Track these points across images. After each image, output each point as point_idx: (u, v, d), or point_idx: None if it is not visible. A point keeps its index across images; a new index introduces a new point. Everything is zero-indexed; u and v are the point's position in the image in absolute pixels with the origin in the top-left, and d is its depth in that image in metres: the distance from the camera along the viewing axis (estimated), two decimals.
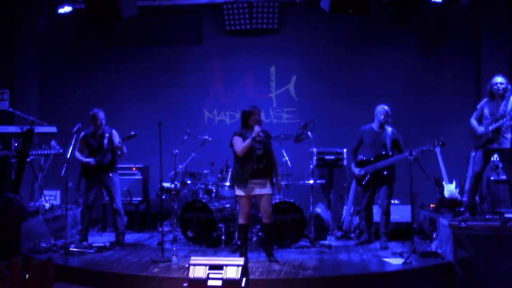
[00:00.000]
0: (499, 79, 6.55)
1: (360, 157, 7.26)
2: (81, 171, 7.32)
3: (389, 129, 7.18)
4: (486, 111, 6.62)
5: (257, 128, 6.12)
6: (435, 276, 5.99)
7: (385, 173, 7.07)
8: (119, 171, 7.60)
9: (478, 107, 6.80)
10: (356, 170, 7.22)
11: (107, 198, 7.61)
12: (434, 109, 8.96)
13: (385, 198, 7.13)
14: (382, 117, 7.11)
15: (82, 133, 7.32)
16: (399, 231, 7.59)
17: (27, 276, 0.92)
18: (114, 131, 7.35)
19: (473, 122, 6.73)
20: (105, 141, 7.25)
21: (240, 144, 6.18)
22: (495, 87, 6.51)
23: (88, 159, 7.23)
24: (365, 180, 7.18)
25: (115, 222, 7.41)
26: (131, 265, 6.21)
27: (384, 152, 7.11)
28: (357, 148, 7.28)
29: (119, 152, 7.27)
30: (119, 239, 7.36)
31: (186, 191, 8.30)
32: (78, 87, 9.69)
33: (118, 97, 9.48)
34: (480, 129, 6.60)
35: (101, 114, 7.30)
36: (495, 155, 7.02)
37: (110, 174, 7.31)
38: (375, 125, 7.22)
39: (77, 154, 7.28)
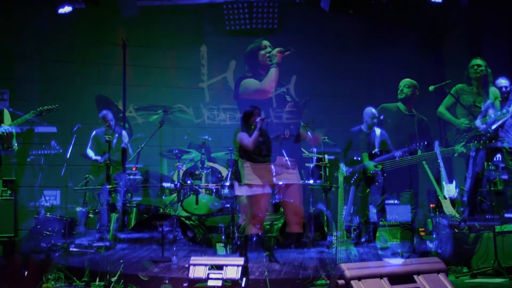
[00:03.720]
0: (503, 81, 6.60)
1: (350, 157, 7.44)
2: (90, 169, 7.59)
3: (378, 130, 7.31)
4: (491, 111, 6.66)
5: (258, 119, 6.10)
6: None
7: (371, 172, 7.14)
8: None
9: (482, 109, 6.85)
10: (344, 169, 7.32)
11: (108, 199, 7.73)
12: (434, 109, 8.94)
13: (377, 197, 7.21)
14: (369, 119, 7.30)
15: (94, 132, 7.67)
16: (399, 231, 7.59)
17: (25, 273, 0.92)
18: (124, 132, 7.63)
19: (477, 123, 6.78)
20: (114, 140, 7.52)
21: (248, 138, 6.08)
22: (503, 89, 6.57)
23: (96, 157, 7.49)
24: (353, 179, 7.33)
25: (110, 221, 7.55)
26: (131, 265, 6.20)
27: (372, 152, 7.22)
28: (348, 149, 7.47)
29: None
30: (114, 235, 7.56)
31: (186, 191, 8.28)
32: (78, 87, 9.67)
33: (118, 97, 9.46)
34: (482, 127, 6.63)
35: (110, 116, 7.64)
36: (498, 155, 7.03)
37: (118, 173, 7.49)
38: (363, 127, 7.40)
39: (88, 152, 7.58)
